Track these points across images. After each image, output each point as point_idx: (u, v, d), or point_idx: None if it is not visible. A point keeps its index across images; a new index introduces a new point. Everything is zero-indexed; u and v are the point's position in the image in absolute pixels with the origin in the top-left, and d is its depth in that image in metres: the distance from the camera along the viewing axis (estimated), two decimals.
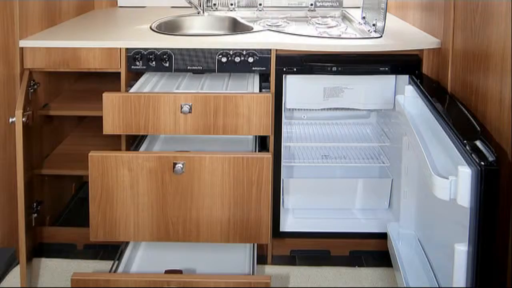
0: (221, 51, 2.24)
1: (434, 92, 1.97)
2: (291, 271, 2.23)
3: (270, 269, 2.25)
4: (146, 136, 2.44)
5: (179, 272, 1.96)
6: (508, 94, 1.53)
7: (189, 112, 1.99)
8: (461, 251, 1.42)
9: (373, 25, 2.40)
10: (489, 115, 1.67)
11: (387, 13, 2.34)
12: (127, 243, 2.13)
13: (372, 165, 2.61)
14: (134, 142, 2.37)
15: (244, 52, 2.23)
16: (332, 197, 2.49)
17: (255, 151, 2.28)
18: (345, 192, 2.50)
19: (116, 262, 2.01)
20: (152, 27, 2.54)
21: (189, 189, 1.93)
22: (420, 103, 1.97)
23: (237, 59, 2.23)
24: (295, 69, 2.23)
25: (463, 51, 1.91)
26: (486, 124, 1.69)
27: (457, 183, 1.41)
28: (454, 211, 1.55)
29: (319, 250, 2.37)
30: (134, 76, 2.38)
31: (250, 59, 2.23)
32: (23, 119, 1.96)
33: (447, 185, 1.43)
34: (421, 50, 2.22)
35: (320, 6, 3.09)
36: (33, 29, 2.33)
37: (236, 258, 2.14)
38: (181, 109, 1.99)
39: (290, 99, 2.41)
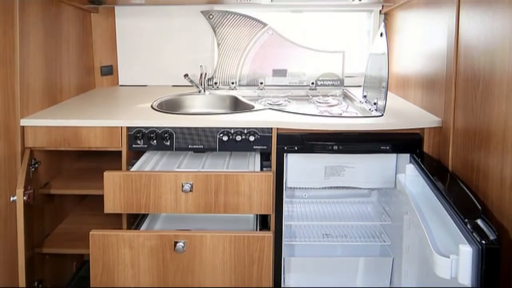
0: (222, 130, 2.36)
1: (435, 171, 2.07)
2: None
3: None
4: (147, 214, 2.52)
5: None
6: (509, 172, 1.61)
7: (190, 191, 2.10)
8: None
9: (374, 103, 2.54)
10: (490, 194, 1.74)
11: (388, 92, 2.45)
12: None
13: (373, 244, 2.68)
14: (135, 220, 2.46)
15: (245, 131, 2.35)
16: (333, 276, 2.56)
17: (256, 229, 2.37)
18: (346, 271, 2.58)
19: None
20: (153, 105, 2.68)
21: (190, 268, 2.01)
22: (421, 181, 2.07)
23: (238, 138, 2.35)
24: (296, 148, 2.33)
25: (464, 130, 2.01)
26: (487, 202, 1.76)
27: (458, 262, 1.48)
28: None
29: None
30: (135, 154, 2.50)
31: (251, 138, 2.35)
32: (24, 198, 2.08)
33: (448, 263, 1.51)
34: (422, 129, 2.32)
35: (321, 85, 3.28)
36: (34, 108, 2.46)
37: None
38: (182, 187, 2.10)
39: (291, 178, 2.52)
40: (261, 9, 3.34)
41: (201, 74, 3.13)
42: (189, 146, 2.38)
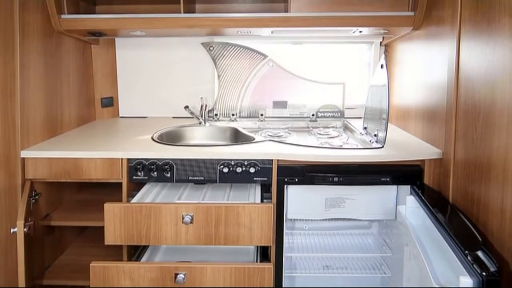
0: (223, 162, 2.40)
1: (436, 202, 2.11)
2: None
3: None
4: (148, 246, 2.55)
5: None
6: (510, 204, 1.64)
7: (191, 222, 2.13)
8: None
9: (375, 135, 2.59)
10: (491, 225, 1.77)
11: (389, 123, 2.48)
12: None
13: (374, 276, 2.70)
14: (135, 252, 2.49)
15: (246, 163, 2.40)
16: None
17: (257, 261, 2.39)
18: None
19: None
20: (154, 137, 2.74)
21: None
22: (421, 213, 2.11)
23: (239, 170, 2.40)
24: (296, 180, 2.38)
25: (464, 161, 2.04)
26: (487, 234, 1.79)
27: None
28: None
29: None
30: (136, 186, 2.53)
31: (252, 170, 2.39)
32: (25, 230, 2.11)
33: None
34: (423, 161, 2.36)
35: (321, 117, 3.35)
36: (35, 139, 2.51)
37: None
38: (183, 219, 2.13)
39: (291, 210, 2.56)
40: (261, 40, 3.40)
41: (202, 106, 3.19)
42: (190, 178, 2.42)
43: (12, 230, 2.13)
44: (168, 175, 2.41)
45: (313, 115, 3.34)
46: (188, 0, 2.88)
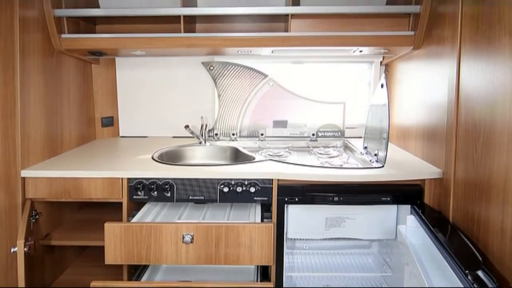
0: (223, 181, 2.43)
1: (436, 222, 2.14)
2: None
3: None
4: (148, 265, 2.56)
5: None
6: (510, 224, 1.67)
7: (191, 242, 2.15)
8: None
9: (375, 155, 2.62)
10: (491, 245, 1.79)
11: (389, 143, 2.51)
12: None
13: None
14: (136, 271, 2.50)
15: (246, 182, 2.42)
16: None
17: (257, 281, 2.41)
18: None
19: None
20: (154, 157, 2.76)
21: None
22: (422, 232, 2.13)
23: (239, 189, 2.42)
24: (296, 199, 2.40)
25: (464, 181, 2.07)
26: (488, 253, 1.81)
27: None
28: None
29: None
30: (136, 205, 2.56)
31: (252, 189, 2.42)
32: (25, 249, 2.13)
33: None
34: (423, 180, 2.38)
35: (322, 136, 3.38)
36: (35, 159, 2.53)
37: None
38: (183, 239, 2.15)
39: (291, 229, 2.58)
40: (261, 60, 3.44)
41: (202, 125, 3.23)
42: (190, 197, 2.44)
43: (12, 250, 2.15)
44: (169, 194, 2.43)
45: (313, 134, 3.37)
46: (188, 19, 2.92)
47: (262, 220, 2.43)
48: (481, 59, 1.92)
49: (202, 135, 3.21)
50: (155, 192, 2.42)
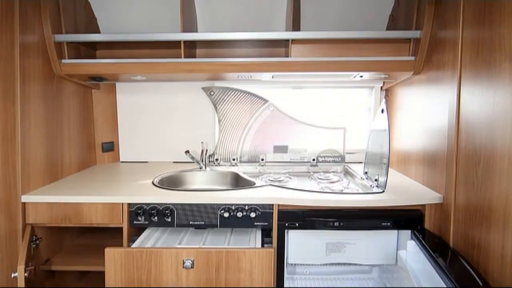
0: (223, 206, 2.46)
1: (436, 247, 2.16)
2: None
3: None
4: None
5: None
6: (510, 249, 1.69)
7: (191, 267, 2.17)
8: None
9: (375, 180, 2.65)
10: (491, 270, 1.82)
11: (389, 168, 2.56)
12: None
13: None
14: None
15: (246, 207, 2.45)
16: None
17: None
18: None
19: None
20: (154, 182, 2.79)
21: None
22: (422, 258, 2.16)
23: (239, 214, 2.45)
24: (297, 224, 2.43)
25: (465, 206, 2.09)
26: (488, 278, 1.83)
27: None
28: None
29: None
30: (136, 230, 2.58)
31: (252, 214, 2.45)
32: (25, 274, 2.16)
33: None
34: (423, 205, 2.42)
35: (322, 161, 3.42)
36: (35, 184, 2.56)
37: None
38: (183, 264, 2.17)
39: (292, 254, 2.61)
40: (262, 85, 3.50)
41: (202, 151, 3.26)
42: (190, 223, 2.46)
43: (13, 275, 2.17)
44: (169, 219, 2.46)
45: (313, 159, 3.41)
46: (189, 45, 2.97)
47: (262, 245, 2.44)
48: (482, 84, 1.95)
49: (202, 160, 3.24)
50: (156, 217, 2.45)
